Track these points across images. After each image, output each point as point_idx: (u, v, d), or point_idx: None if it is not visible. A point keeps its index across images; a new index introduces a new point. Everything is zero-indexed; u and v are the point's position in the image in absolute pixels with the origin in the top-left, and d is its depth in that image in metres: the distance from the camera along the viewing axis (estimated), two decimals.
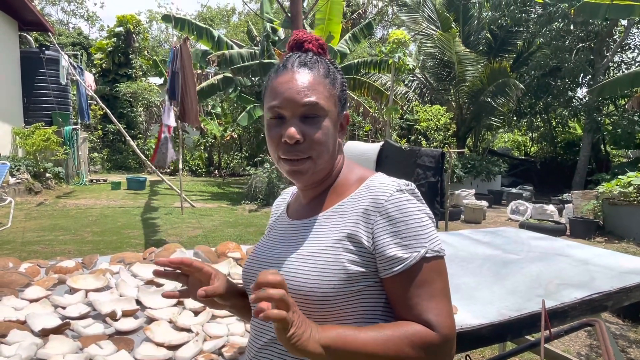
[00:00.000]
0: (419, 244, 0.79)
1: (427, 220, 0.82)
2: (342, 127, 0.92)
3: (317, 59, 0.89)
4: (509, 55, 14.51)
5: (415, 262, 0.79)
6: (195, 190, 11.56)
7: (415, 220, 0.81)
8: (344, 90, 0.92)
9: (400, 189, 0.83)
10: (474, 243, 2.92)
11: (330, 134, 0.87)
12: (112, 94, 16.07)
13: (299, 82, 0.84)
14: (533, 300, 2.02)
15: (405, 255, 0.79)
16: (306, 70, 0.86)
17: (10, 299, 1.52)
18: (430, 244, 0.80)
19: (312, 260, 0.82)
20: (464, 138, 14.29)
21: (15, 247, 5.56)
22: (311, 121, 0.84)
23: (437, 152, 5.75)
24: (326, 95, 0.86)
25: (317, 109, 0.84)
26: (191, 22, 10.40)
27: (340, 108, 0.90)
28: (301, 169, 0.86)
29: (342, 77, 0.92)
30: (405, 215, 0.81)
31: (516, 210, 8.77)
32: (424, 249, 0.79)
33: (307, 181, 0.90)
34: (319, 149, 0.85)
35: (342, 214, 0.86)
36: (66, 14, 31.29)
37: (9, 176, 8.78)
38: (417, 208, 0.82)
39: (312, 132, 0.84)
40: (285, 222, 0.98)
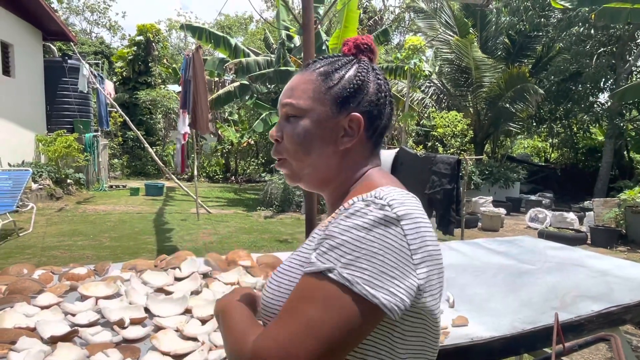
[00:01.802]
0: (333, 259, 0.65)
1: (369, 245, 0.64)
2: (352, 129, 0.80)
3: (329, 59, 0.84)
4: (528, 60, 14.32)
5: (315, 271, 0.65)
6: (212, 197, 11.66)
7: (351, 234, 0.65)
8: (349, 88, 0.80)
9: (367, 199, 0.69)
10: (489, 252, 2.87)
11: (311, 135, 0.79)
12: (132, 102, 16.37)
13: (288, 84, 0.85)
14: (548, 313, 1.97)
15: (313, 259, 0.67)
16: (303, 70, 0.84)
17: (23, 306, 1.55)
18: (344, 267, 0.63)
19: (280, 277, 0.77)
20: (482, 144, 14.13)
21: (36, 251, 5.68)
22: (291, 121, 0.82)
23: (452, 159, 5.68)
24: (308, 95, 0.80)
25: (293, 109, 0.81)
26: (208, 30, 10.54)
27: (336, 108, 0.79)
28: (284, 170, 0.86)
29: (358, 74, 0.81)
30: (347, 225, 0.67)
31: (535, 218, 8.60)
32: (330, 266, 0.64)
33: (301, 185, 0.87)
34: (290, 149, 0.81)
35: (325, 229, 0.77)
36: (89, 23, 32.08)
37: (32, 182, 8.99)
38: (367, 226, 0.66)
39: (286, 132, 0.82)
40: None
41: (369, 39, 0.87)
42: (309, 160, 0.81)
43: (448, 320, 1.79)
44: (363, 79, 0.81)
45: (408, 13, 22.94)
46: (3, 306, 1.53)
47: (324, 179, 0.83)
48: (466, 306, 1.98)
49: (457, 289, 2.18)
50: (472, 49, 11.83)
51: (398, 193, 0.72)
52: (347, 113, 0.79)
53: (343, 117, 0.80)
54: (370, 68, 0.84)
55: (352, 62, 0.83)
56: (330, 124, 0.80)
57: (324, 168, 0.82)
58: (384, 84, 0.84)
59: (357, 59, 0.84)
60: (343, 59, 0.83)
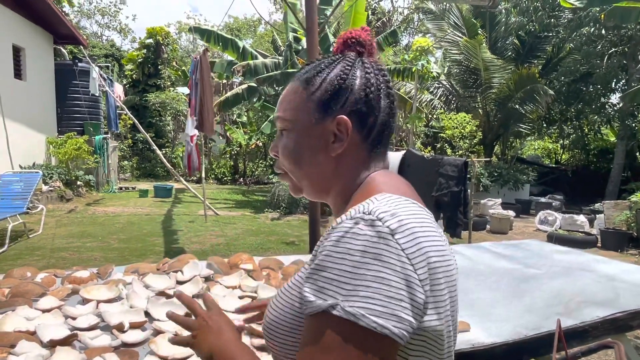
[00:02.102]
0: (332, 293, 0.59)
1: (368, 267, 0.58)
2: (341, 132, 0.73)
3: (313, 63, 0.80)
4: (538, 61, 14.19)
5: (317, 311, 0.60)
6: (220, 198, 11.70)
7: (346, 261, 0.59)
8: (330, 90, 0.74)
9: (354, 216, 0.63)
10: (494, 256, 2.85)
11: (299, 146, 0.77)
12: (142, 104, 16.50)
13: (281, 98, 0.82)
14: (551, 318, 1.94)
15: (311, 298, 0.61)
16: (292, 80, 0.81)
17: (24, 309, 1.56)
18: (345, 300, 0.58)
19: (283, 296, 0.73)
20: (491, 146, 14.03)
21: (45, 253, 5.74)
22: (284, 134, 0.80)
23: (459, 161, 5.64)
24: (293, 106, 0.77)
25: (283, 122, 0.79)
26: (217, 33, 10.60)
27: (320, 114, 0.74)
28: (289, 185, 0.84)
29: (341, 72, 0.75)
30: (338, 250, 0.60)
31: (545, 221, 8.51)
32: (333, 302, 0.58)
33: (306, 197, 0.84)
34: (285, 162, 0.80)
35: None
36: (100, 26, 32.43)
37: (42, 184, 9.10)
38: (362, 247, 0.59)
39: (280, 146, 0.81)
40: None
41: (359, 32, 0.80)
42: (303, 171, 0.78)
43: None
44: (345, 77, 0.74)
45: (417, 14, 22.88)
46: (5, 309, 1.55)
47: (321, 188, 0.79)
48: (468, 311, 1.96)
49: (461, 293, 2.15)
50: (481, 50, 11.76)
51: (389, 202, 0.65)
52: (333, 117, 0.73)
53: (329, 122, 0.74)
54: (357, 63, 0.76)
55: (337, 61, 0.76)
56: (316, 131, 0.75)
57: (319, 177, 0.78)
58: (374, 77, 0.76)
59: (345, 57, 0.77)
60: (327, 60, 0.77)
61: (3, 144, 8.59)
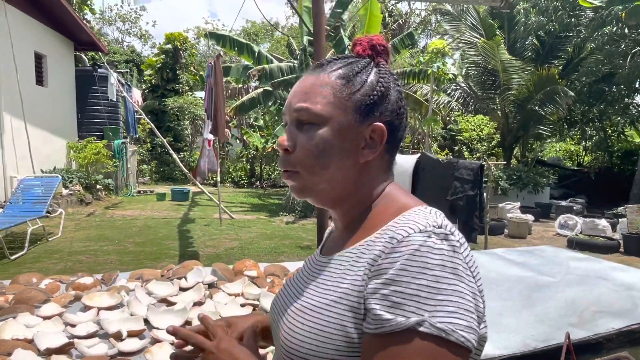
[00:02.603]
0: (414, 309, 0.57)
1: (448, 282, 0.58)
2: (373, 140, 0.72)
3: (345, 60, 0.76)
4: (558, 61, 13.91)
5: (399, 330, 0.57)
6: (236, 202, 11.76)
7: (426, 275, 0.58)
8: (372, 95, 0.72)
9: (425, 229, 0.62)
10: (507, 263, 2.77)
11: (331, 146, 0.71)
12: (161, 109, 16.74)
13: (300, 86, 0.75)
14: (564, 329, 1.87)
15: (388, 316, 0.58)
16: (316, 72, 0.75)
17: (25, 316, 1.57)
18: (433, 316, 0.56)
19: (313, 316, 0.67)
20: (510, 148, 13.78)
21: (63, 256, 5.84)
22: (305, 129, 0.72)
23: (475, 165, 5.54)
24: (328, 100, 0.71)
25: (310, 115, 0.71)
26: (232, 38, 10.68)
27: (359, 117, 0.71)
28: (293, 184, 0.75)
29: (380, 80, 0.74)
30: (415, 265, 0.59)
31: (565, 225, 8.30)
32: (419, 319, 0.56)
33: (312, 201, 0.76)
34: (306, 161, 0.72)
35: (360, 256, 0.67)
36: (121, 33, 33.10)
37: (63, 188, 9.29)
38: (440, 261, 0.59)
39: (301, 141, 0.72)
40: (315, 257, 0.84)
41: (383, 40, 0.78)
42: (327, 174, 0.72)
43: None
44: (387, 85, 0.74)
45: (434, 16, 22.70)
46: (6, 316, 1.56)
47: (340, 195, 0.75)
48: None
49: None
50: (499, 51, 11.58)
51: (438, 215, 0.67)
52: (370, 122, 0.72)
53: (365, 127, 0.72)
54: (390, 73, 0.76)
55: (371, 66, 0.75)
56: (351, 134, 0.71)
57: (342, 183, 0.73)
58: (402, 92, 0.78)
59: (375, 62, 0.76)
60: (361, 61, 0.75)
61: (25, 149, 8.79)
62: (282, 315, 0.74)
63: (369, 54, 0.76)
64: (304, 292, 0.74)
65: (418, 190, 5.91)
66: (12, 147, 8.60)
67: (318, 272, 0.75)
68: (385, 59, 0.77)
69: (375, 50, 0.76)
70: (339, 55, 0.78)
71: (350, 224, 0.75)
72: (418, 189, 5.91)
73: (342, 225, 0.78)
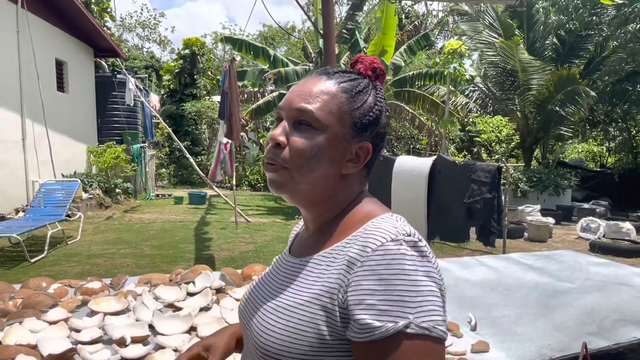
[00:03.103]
0: (400, 313, 0.62)
1: (423, 284, 0.64)
2: (358, 157, 0.77)
3: (349, 75, 0.79)
4: (580, 60, 13.60)
5: (388, 335, 0.62)
6: (253, 205, 11.80)
7: (404, 281, 0.63)
8: (369, 116, 0.77)
9: (396, 238, 0.67)
10: (524, 269, 2.69)
11: (322, 152, 0.74)
12: (179, 113, 16.94)
13: (305, 87, 0.77)
14: (583, 339, 1.79)
15: (377, 324, 0.62)
16: (323, 78, 0.78)
17: (31, 321, 1.57)
18: (417, 317, 0.62)
19: (287, 316, 0.71)
20: (530, 149, 13.52)
21: (81, 259, 5.93)
22: (303, 129, 0.75)
23: (492, 167, 5.44)
24: (331, 109, 0.75)
25: (311, 118, 0.74)
26: (248, 42, 10.75)
27: (353, 131, 0.76)
28: (276, 178, 0.76)
29: (377, 103, 0.79)
30: (392, 272, 0.64)
31: (587, 228, 8.08)
32: (405, 321, 0.62)
33: (288, 197, 0.79)
34: (298, 161, 0.74)
35: (332, 260, 0.72)
36: (141, 39, 33.68)
37: (83, 192, 9.45)
38: (413, 267, 0.65)
39: (296, 140, 0.74)
40: (285, 257, 0.86)
41: (381, 64, 0.84)
42: (311, 177, 0.75)
43: (467, 346, 1.67)
44: (381, 109, 0.79)
45: (452, 16, 22.48)
46: (13, 321, 1.57)
47: (317, 199, 0.79)
48: (490, 330, 1.84)
49: (483, 310, 2.04)
50: (519, 51, 11.39)
51: (405, 223, 0.74)
52: (360, 140, 0.77)
53: (355, 143, 0.77)
54: (384, 98, 0.82)
55: (370, 87, 0.80)
56: (342, 146, 0.76)
57: (322, 189, 0.77)
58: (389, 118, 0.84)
59: (374, 84, 0.81)
60: (363, 81, 0.79)
61: (46, 154, 8.98)
62: (255, 314, 0.77)
63: (369, 75, 0.80)
64: (277, 292, 0.77)
65: (434, 193, 5.82)
66: (34, 152, 8.79)
67: (290, 272, 0.79)
68: (381, 83, 0.83)
69: (374, 73, 0.81)
70: (344, 69, 0.82)
71: (322, 227, 0.80)
72: (434, 192, 5.82)
73: (314, 228, 0.82)
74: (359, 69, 0.80)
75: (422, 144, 13.50)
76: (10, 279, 4.90)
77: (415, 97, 11.10)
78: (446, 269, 2.60)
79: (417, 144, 14.57)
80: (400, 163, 6.15)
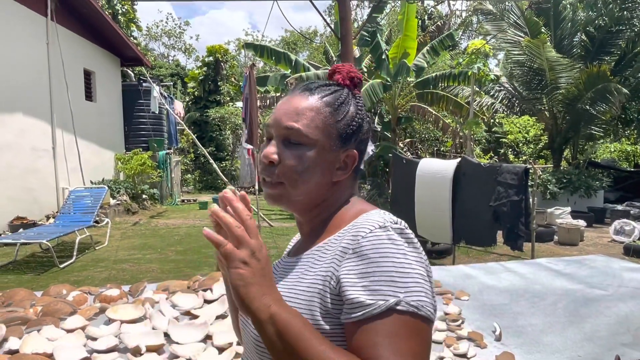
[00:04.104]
0: (390, 292, 0.66)
1: (411, 267, 0.69)
2: (346, 164, 0.83)
3: (332, 88, 0.83)
4: (610, 57, 13.14)
5: (380, 311, 0.65)
6: (276, 210, 11.83)
7: (393, 263, 0.68)
8: (351, 125, 0.82)
9: (383, 225, 0.72)
10: (552, 275, 2.58)
11: (312, 166, 0.79)
12: (203, 119, 17.20)
13: (290, 105, 0.81)
14: (616, 350, 1.70)
15: (369, 301, 0.66)
16: (306, 94, 0.82)
17: (50, 329, 1.58)
18: (406, 295, 0.66)
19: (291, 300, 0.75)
20: (559, 150, 13.11)
21: (108, 264, 6.04)
22: (292, 147, 0.79)
23: (519, 169, 5.29)
24: (317, 125, 0.79)
25: (299, 135, 0.79)
26: (269, 47, 10.82)
27: (339, 143, 0.81)
28: (273, 193, 0.81)
29: (359, 114, 0.84)
30: (381, 255, 0.69)
31: (621, 231, 7.77)
32: (395, 299, 0.65)
33: (287, 208, 0.84)
34: (290, 176, 0.79)
35: (324, 252, 0.78)
36: (167, 47, 34.37)
37: (110, 198, 9.66)
38: (401, 251, 0.70)
39: (287, 157, 0.79)
40: (283, 260, 0.92)
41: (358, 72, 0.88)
42: (306, 188, 0.80)
43: (491, 357, 1.60)
44: (362, 117, 0.84)
45: (475, 16, 22.14)
46: (32, 329, 1.58)
47: (312, 206, 0.84)
48: (516, 340, 1.76)
49: (509, 318, 1.96)
50: (545, 49, 11.07)
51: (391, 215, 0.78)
52: (346, 148, 0.82)
53: (342, 152, 0.82)
54: (363, 105, 0.87)
55: (350, 97, 0.84)
56: (331, 157, 0.81)
57: (315, 196, 0.82)
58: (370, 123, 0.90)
59: (353, 93, 0.85)
60: (343, 92, 0.84)
61: (75, 162, 9.23)
62: None
63: (347, 84, 0.85)
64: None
65: (459, 196, 5.70)
66: (63, 160, 9.04)
67: (286, 270, 0.84)
68: (359, 90, 0.87)
69: (352, 82, 0.85)
70: (325, 82, 0.86)
71: (315, 228, 0.85)
72: (459, 195, 5.70)
73: (308, 229, 0.87)
74: (337, 80, 0.85)
75: (446, 146, 13.28)
76: (40, 284, 5.03)
77: (439, 98, 10.94)
78: (470, 275, 2.52)
79: (441, 146, 14.34)
80: (423, 166, 6.05)
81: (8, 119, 7.64)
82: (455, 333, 1.73)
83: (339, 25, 3.17)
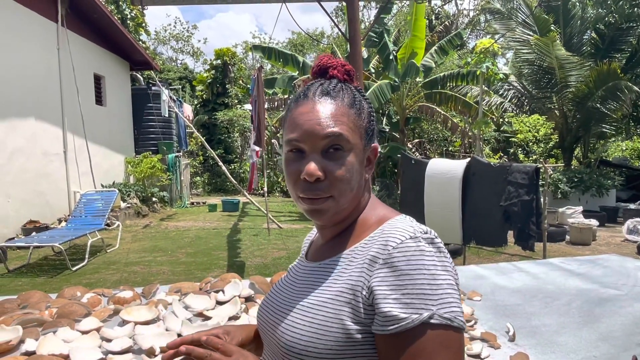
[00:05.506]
0: (423, 305, 0.66)
1: (442, 278, 0.68)
2: (370, 161, 0.83)
3: (341, 86, 0.80)
4: (621, 55, 13.01)
5: (414, 325, 0.65)
6: (285, 211, 11.85)
7: (425, 275, 0.67)
8: (371, 121, 0.82)
9: (414, 235, 0.71)
10: (565, 274, 2.56)
11: (355, 170, 0.78)
12: (212, 122, 17.29)
13: (320, 113, 0.76)
14: (632, 351, 1.68)
15: (403, 315, 0.66)
16: (329, 99, 0.78)
17: (65, 331, 1.60)
18: (439, 308, 0.66)
19: (311, 314, 0.74)
20: (570, 149, 13.00)
21: (119, 267, 6.09)
22: (333, 156, 0.76)
23: (530, 168, 5.25)
24: (351, 127, 0.77)
25: (342, 141, 0.76)
26: (277, 49, 10.86)
27: (366, 141, 0.81)
28: (321, 208, 0.77)
29: (369, 106, 0.83)
30: (413, 267, 0.68)
31: (634, 230, 7.68)
32: (429, 312, 0.65)
33: (328, 221, 0.81)
34: (341, 187, 0.76)
35: (352, 260, 0.76)
36: (175, 51, 34.62)
37: (121, 201, 9.74)
38: (432, 262, 0.69)
39: (335, 169, 0.75)
40: (302, 263, 0.90)
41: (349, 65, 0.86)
42: (351, 195, 0.79)
43: (505, 358, 1.59)
44: (372, 109, 0.84)
45: (483, 15, 22.03)
46: (48, 330, 1.60)
47: (350, 211, 0.83)
48: (530, 340, 1.75)
49: (522, 319, 1.94)
50: (555, 47, 10.99)
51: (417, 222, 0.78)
52: (370, 144, 0.82)
53: (368, 149, 0.82)
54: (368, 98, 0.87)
55: (357, 92, 0.82)
56: (363, 156, 0.81)
57: (353, 199, 0.81)
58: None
59: (356, 88, 0.83)
60: (352, 89, 0.82)
61: (86, 165, 9.32)
62: (277, 316, 0.80)
63: (346, 79, 0.82)
64: (298, 294, 0.80)
65: (469, 196, 5.67)
66: (74, 163, 9.14)
67: (310, 275, 0.82)
68: (358, 84, 0.86)
69: (350, 76, 0.83)
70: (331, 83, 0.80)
71: (339, 233, 0.83)
72: (469, 195, 5.67)
73: (330, 235, 0.84)
74: (334, 75, 0.81)
75: (455, 146, 13.22)
76: (53, 287, 5.09)
77: (447, 98, 10.90)
78: (482, 276, 2.50)
79: (450, 146, 14.28)
80: (432, 166, 6.03)
81: (20, 124, 7.74)
82: (469, 334, 1.72)
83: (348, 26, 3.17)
